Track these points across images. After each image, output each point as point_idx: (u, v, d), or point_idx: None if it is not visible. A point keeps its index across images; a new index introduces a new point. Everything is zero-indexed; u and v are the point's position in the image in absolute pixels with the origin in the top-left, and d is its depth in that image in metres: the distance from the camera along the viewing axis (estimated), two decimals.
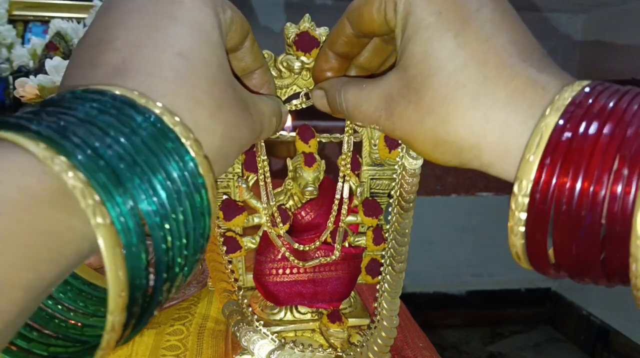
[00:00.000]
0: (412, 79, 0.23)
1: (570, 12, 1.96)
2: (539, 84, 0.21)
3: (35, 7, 1.09)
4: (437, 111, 0.22)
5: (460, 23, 0.22)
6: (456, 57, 0.22)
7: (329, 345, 0.38)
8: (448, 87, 0.22)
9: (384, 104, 0.25)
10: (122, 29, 0.21)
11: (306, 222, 0.38)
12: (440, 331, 2.07)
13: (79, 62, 0.21)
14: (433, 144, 0.23)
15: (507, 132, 0.21)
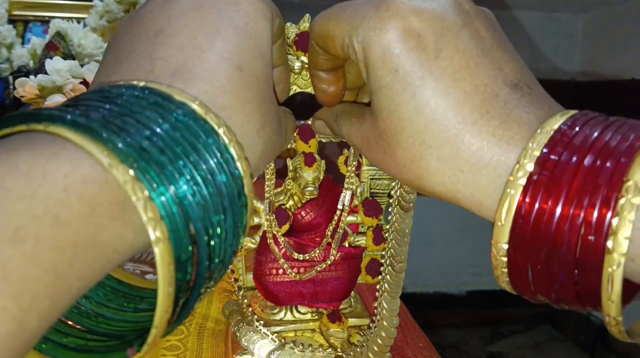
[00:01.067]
0: (382, 132, 0.23)
1: (570, 12, 1.96)
2: (504, 139, 0.21)
3: (35, 7, 1.09)
4: (410, 167, 0.23)
5: (418, 78, 0.22)
6: (417, 118, 0.22)
7: (329, 345, 0.38)
8: (415, 146, 0.22)
9: (365, 144, 0.25)
10: (184, 25, 0.21)
11: (306, 222, 0.38)
12: (440, 331, 2.07)
13: (133, 47, 0.21)
14: (416, 189, 0.24)
15: (478, 191, 0.21)
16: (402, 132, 0.22)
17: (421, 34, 0.22)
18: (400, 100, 0.22)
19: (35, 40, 0.83)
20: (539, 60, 1.98)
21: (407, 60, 0.22)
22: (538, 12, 1.95)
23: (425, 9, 0.22)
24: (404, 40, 0.22)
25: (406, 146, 0.22)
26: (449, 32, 0.22)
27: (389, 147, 0.23)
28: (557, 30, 1.99)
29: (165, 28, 0.21)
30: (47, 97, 0.46)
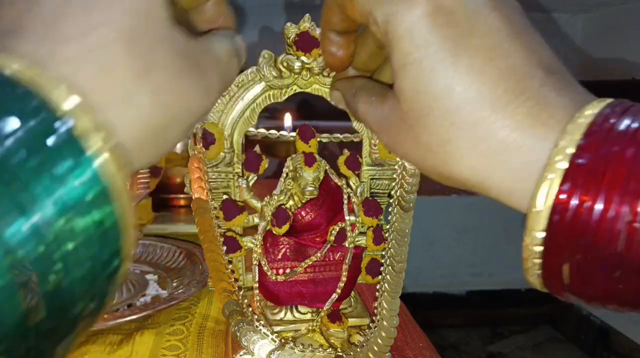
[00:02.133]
0: (406, 114, 0.22)
1: (570, 12, 1.96)
2: (540, 120, 0.20)
3: None
4: (436, 150, 0.21)
5: (450, 55, 0.20)
6: (448, 97, 0.20)
7: (329, 345, 0.38)
8: (443, 127, 0.21)
9: (384, 127, 0.24)
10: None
11: (306, 222, 0.38)
12: (440, 331, 2.07)
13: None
14: (439, 177, 0.23)
15: (511, 175, 0.20)
16: (429, 114, 0.21)
17: (453, 11, 0.21)
18: (429, 78, 0.21)
19: None
20: None
21: (438, 36, 0.20)
22: (538, 12, 1.95)
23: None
24: (435, 15, 0.21)
25: (433, 128, 0.21)
26: (480, 13, 0.21)
27: (412, 130, 0.22)
28: (557, 30, 1.99)
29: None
30: None
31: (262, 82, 0.34)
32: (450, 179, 0.22)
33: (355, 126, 0.37)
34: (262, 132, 0.40)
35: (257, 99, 0.35)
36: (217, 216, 0.36)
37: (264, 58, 0.34)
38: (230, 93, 0.35)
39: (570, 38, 2.00)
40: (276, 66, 0.34)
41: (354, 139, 0.39)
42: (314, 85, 0.35)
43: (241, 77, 0.34)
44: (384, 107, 0.24)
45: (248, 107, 0.35)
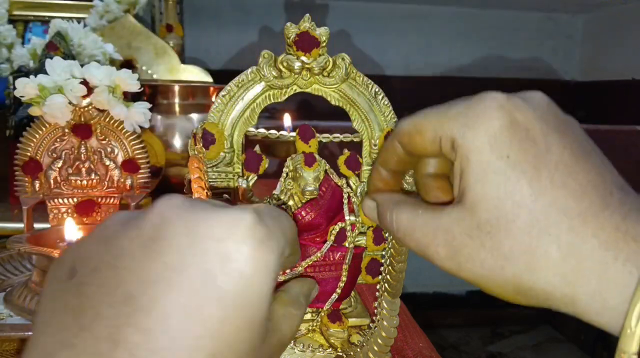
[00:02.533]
0: (485, 223, 0.21)
1: (570, 12, 1.96)
2: (630, 235, 0.19)
3: (36, 7, 1.09)
4: (521, 259, 0.21)
5: (532, 167, 0.21)
6: (535, 204, 0.21)
7: (329, 345, 0.38)
8: (530, 235, 0.20)
9: (442, 240, 0.23)
10: (158, 295, 0.17)
11: (306, 222, 0.38)
12: (440, 331, 2.07)
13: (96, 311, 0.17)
14: (515, 290, 0.21)
15: (605, 287, 0.19)
16: (516, 220, 0.21)
17: (528, 128, 0.22)
18: (514, 187, 0.21)
19: (35, 40, 0.83)
20: (539, 60, 1.98)
21: (519, 149, 0.21)
22: (538, 12, 1.95)
23: (527, 107, 0.22)
24: (512, 129, 0.21)
25: (520, 235, 0.21)
26: (552, 132, 0.22)
27: (491, 238, 0.21)
28: (557, 30, 1.99)
29: (139, 294, 0.17)
30: (47, 97, 0.46)
31: (262, 82, 0.34)
32: (531, 289, 0.21)
33: (355, 126, 0.37)
34: (262, 132, 0.40)
35: (257, 99, 0.35)
36: None
37: (264, 58, 0.34)
38: (230, 93, 0.35)
39: (570, 38, 2.00)
40: (276, 66, 0.34)
41: (354, 138, 0.39)
42: (314, 85, 0.35)
43: (241, 77, 0.34)
44: (441, 219, 0.23)
45: (248, 107, 0.35)
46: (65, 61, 0.47)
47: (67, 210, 0.49)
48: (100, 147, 0.50)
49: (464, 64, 1.94)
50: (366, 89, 0.36)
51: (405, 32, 1.89)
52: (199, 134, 0.34)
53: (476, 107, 0.22)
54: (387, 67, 1.90)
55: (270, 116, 1.36)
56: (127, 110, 0.49)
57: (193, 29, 1.62)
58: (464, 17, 1.91)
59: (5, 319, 0.44)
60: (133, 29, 1.00)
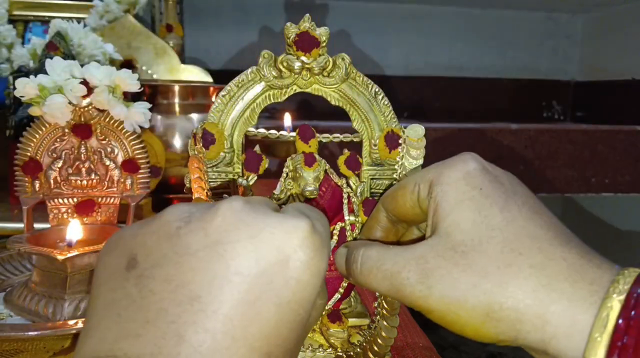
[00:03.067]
0: (460, 243, 0.23)
1: (570, 12, 1.96)
2: (593, 263, 0.21)
3: (36, 7, 1.09)
4: (494, 275, 0.21)
5: (502, 200, 0.23)
6: (506, 228, 0.22)
7: (329, 345, 0.38)
8: (503, 253, 0.22)
9: (414, 265, 0.23)
10: (224, 297, 0.18)
11: None
12: (440, 331, 2.07)
13: (162, 307, 0.18)
14: (484, 312, 0.21)
15: (574, 304, 0.20)
16: (490, 241, 0.22)
17: (497, 176, 0.25)
18: (488, 212, 0.23)
19: (35, 40, 0.83)
20: (539, 60, 1.98)
21: (489, 185, 0.24)
22: (538, 12, 1.95)
23: (491, 165, 0.26)
24: (484, 172, 0.25)
25: (492, 253, 0.22)
26: (516, 183, 0.25)
27: (465, 257, 0.22)
28: (557, 30, 1.99)
29: (204, 294, 0.18)
30: (47, 97, 0.46)
31: (262, 82, 0.34)
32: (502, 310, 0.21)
33: (355, 126, 0.37)
34: (262, 132, 0.40)
35: (257, 99, 0.35)
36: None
37: (264, 58, 0.34)
38: (230, 93, 0.35)
39: (570, 38, 2.00)
40: (276, 66, 0.34)
41: (354, 138, 0.39)
42: (314, 85, 0.35)
43: (241, 77, 0.34)
44: (415, 248, 0.24)
45: (248, 107, 0.35)
46: (65, 61, 0.47)
47: (67, 210, 0.49)
48: (100, 147, 0.50)
49: (464, 64, 1.94)
50: (366, 89, 0.36)
51: (405, 32, 1.89)
52: (199, 134, 0.34)
53: (453, 159, 0.25)
54: (387, 67, 1.90)
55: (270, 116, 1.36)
56: (127, 110, 0.49)
57: (193, 29, 1.62)
58: (464, 17, 1.91)
59: (5, 319, 0.44)
60: (133, 29, 1.00)
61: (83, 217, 0.50)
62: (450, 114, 1.88)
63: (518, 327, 0.21)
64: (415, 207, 0.27)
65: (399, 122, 0.37)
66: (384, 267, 0.25)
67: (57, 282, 0.44)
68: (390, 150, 0.36)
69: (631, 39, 1.73)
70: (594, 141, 1.35)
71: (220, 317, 0.18)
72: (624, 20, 1.77)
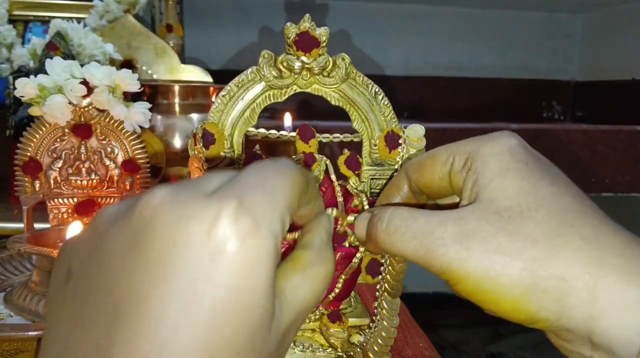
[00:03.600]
0: (506, 208, 0.21)
1: (570, 12, 1.96)
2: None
3: (36, 7, 1.09)
4: (543, 242, 0.20)
5: (550, 176, 0.22)
6: (556, 199, 0.21)
7: (329, 345, 0.38)
8: (553, 222, 0.20)
9: (452, 225, 0.21)
10: (143, 297, 0.15)
11: None
12: (440, 331, 2.07)
13: (85, 322, 0.16)
14: (530, 281, 0.20)
15: (627, 280, 0.19)
16: (539, 209, 0.21)
17: (539, 156, 0.24)
18: (535, 183, 0.22)
19: (35, 40, 0.83)
20: (539, 60, 1.98)
21: (534, 161, 0.23)
22: (538, 12, 1.95)
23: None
24: (527, 150, 0.23)
25: (541, 222, 0.20)
26: (556, 166, 0.24)
27: (512, 222, 0.21)
28: (557, 30, 1.98)
29: (124, 303, 0.15)
30: (47, 97, 0.46)
31: (262, 82, 0.34)
32: (549, 278, 0.19)
33: (355, 126, 0.37)
34: (262, 132, 0.40)
35: (257, 99, 0.35)
36: None
37: (264, 58, 0.34)
38: (230, 93, 0.35)
39: (570, 38, 2.00)
40: (276, 66, 0.34)
41: (354, 138, 0.39)
42: (314, 85, 0.35)
43: (241, 77, 0.34)
44: (451, 213, 0.22)
45: (248, 107, 0.35)
46: (65, 61, 0.47)
47: (67, 210, 0.49)
48: (100, 147, 0.50)
49: (464, 64, 1.94)
50: (366, 89, 0.36)
51: (405, 32, 1.89)
52: (199, 134, 0.34)
53: (491, 134, 0.24)
54: (387, 67, 1.90)
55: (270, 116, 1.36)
56: (127, 110, 0.49)
57: (193, 29, 1.62)
58: (464, 17, 1.91)
59: (5, 319, 0.44)
60: (133, 29, 1.00)
61: (83, 217, 0.50)
62: (450, 114, 1.88)
63: (565, 301, 0.19)
64: (444, 180, 0.25)
65: (399, 122, 0.37)
66: (414, 225, 0.22)
67: None
68: (390, 150, 0.36)
69: (631, 39, 1.73)
70: (594, 141, 1.35)
71: (144, 326, 0.15)
72: (624, 20, 1.77)
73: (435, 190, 0.26)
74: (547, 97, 1.97)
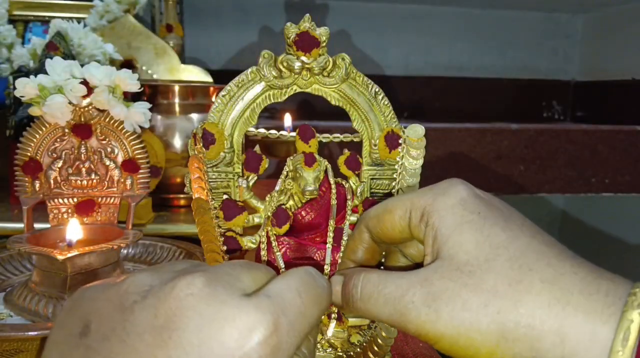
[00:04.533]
0: (465, 263, 0.22)
1: (570, 12, 1.96)
2: (604, 277, 0.20)
3: (36, 7, 1.09)
4: (506, 292, 0.20)
5: (503, 221, 0.23)
6: (511, 245, 0.22)
7: (329, 345, 0.38)
8: (512, 269, 0.21)
9: (419, 288, 0.22)
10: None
11: (306, 222, 0.38)
12: None
13: None
14: (499, 333, 0.20)
15: (591, 318, 0.19)
16: (497, 258, 0.21)
17: (490, 200, 0.24)
18: (490, 232, 0.22)
19: (35, 40, 0.83)
20: (539, 60, 1.98)
21: (486, 209, 0.23)
22: (538, 12, 1.95)
23: (481, 191, 0.25)
24: (478, 198, 0.24)
25: (501, 270, 0.21)
26: (510, 207, 0.24)
27: (472, 276, 0.21)
28: (557, 30, 1.98)
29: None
30: (47, 97, 0.46)
31: (262, 82, 0.34)
32: (518, 327, 0.20)
33: (355, 126, 0.37)
34: (262, 132, 0.40)
35: (257, 99, 0.35)
36: (217, 216, 0.36)
37: (264, 58, 0.34)
38: (230, 93, 0.35)
39: (570, 38, 2.00)
40: (276, 66, 0.34)
41: (354, 138, 0.39)
42: (314, 85, 0.35)
43: (241, 77, 0.34)
44: (418, 273, 0.23)
45: (248, 107, 0.35)
46: (65, 61, 0.47)
47: (67, 210, 0.49)
48: (100, 147, 0.50)
49: (464, 64, 1.94)
50: (366, 89, 0.36)
51: (405, 32, 1.89)
52: (199, 134, 0.34)
53: (442, 184, 0.25)
54: (387, 67, 1.90)
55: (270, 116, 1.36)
56: (127, 110, 0.49)
57: (193, 29, 1.62)
58: (464, 17, 1.91)
59: (5, 319, 0.44)
60: (133, 29, 1.00)
61: (83, 217, 0.50)
62: (450, 114, 1.88)
63: (537, 346, 0.20)
64: (404, 232, 0.26)
65: (399, 122, 0.37)
66: (385, 290, 0.23)
67: (57, 282, 0.44)
68: (390, 150, 0.36)
69: (631, 39, 1.73)
70: (594, 141, 1.35)
71: None
72: (624, 20, 1.77)
73: (398, 240, 0.27)
74: (547, 97, 1.97)
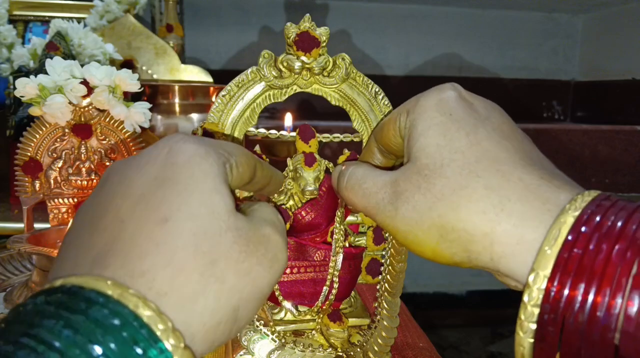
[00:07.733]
0: (424, 167, 0.23)
1: (570, 12, 1.96)
2: (554, 184, 0.21)
3: (36, 7, 1.09)
4: (449, 197, 0.22)
5: (472, 125, 0.23)
6: (469, 151, 0.22)
7: (329, 345, 0.38)
8: (461, 175, 0.22)
9: (389, 187, 0.24)
10: (116, 200, 0.20)
11: (306, 222, 0.38)
12: (440, 331, 2.07)
13: (72, 242, 0.20)
14: (439, 233, 0.22)
15: (523, 223, 0.20)
16: (450, 164, 0.22)
17: (473, 103, 0.25)
18: (453, 135, 0.23)
19: (35, 40, 0.83)
20: (539, 60, 1.98)
21: (461, 111, 0.24)
22: (538, 12, 1.95)
23: (474, 94, 0.26)
24: (459, 99, 0.24)
25: (451, 176, 0.22)
26: (494, 110, 0.25)
27: (427, 180, 0.23)
28: (557, 30, 1.99)
29: (98, 211, 0.20)
30: (47, 97, 0.46)
31: (262, 82, 0.34)
32: (454, 230, 0.22)
33: (355, 126, 0.37)
34: (262, 132, 0.40)
35: (257, 99, 0.35)
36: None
37: (264, 58, 0.34)
38: (230, 93, 0.35)
39: (570, 38, 2.00)
40: (276, 66, 0.34)
41: (354, 138, 0.39)
42: (314, 85, 0.35)
43: (241, 77, 0.34)
44: (392, 173, 0.25)
45: (248, 107, 0.35)
46: (65, 61, 0.47)
47: (67, 210, 0.49)
48: (100, 147, 0.50)
49: (464, 64, 1.94)
50: (366, 89, 0.36)
51: (405, 32, 1.89)
52: (199, 134, 0.34)
53: (433, 89, 0.25)
54: (387, 67, 1.90)
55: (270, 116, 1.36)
56: (127, 110, 0.49)
57: (193, 29, 1.62)
58: (464, 17, 1.91)
59: None
60: (133, 29, 1.00)
61: None
62: None
63: (470, 248, 0.22)
64: (397, 137, 0.27)
65: None
66: (364, 186, 0.26)
67: None
68: None
69: (631, 39, 1.73)
70: (594, 141, 1.35)
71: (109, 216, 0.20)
72: (624, 20, 1.77)
73: (395, 149, 0.28)
74: (547, 97, 1.97)
